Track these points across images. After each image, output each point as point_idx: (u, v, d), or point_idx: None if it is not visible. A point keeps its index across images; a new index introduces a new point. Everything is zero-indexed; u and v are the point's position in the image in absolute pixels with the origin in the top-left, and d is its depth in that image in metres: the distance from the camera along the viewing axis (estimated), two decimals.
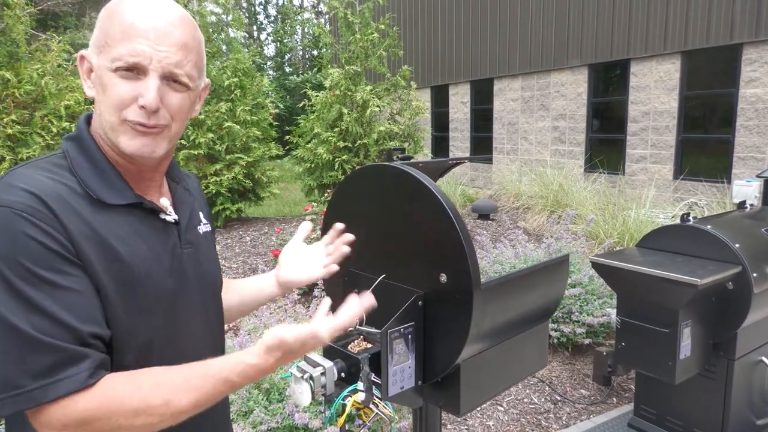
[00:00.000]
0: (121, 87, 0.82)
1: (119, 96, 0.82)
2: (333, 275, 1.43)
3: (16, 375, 0.71)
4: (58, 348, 0.73)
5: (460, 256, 1.09)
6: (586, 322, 3.61)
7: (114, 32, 0.82)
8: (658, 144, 8.41)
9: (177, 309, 0.91)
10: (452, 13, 12.47)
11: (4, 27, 5.58)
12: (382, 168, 1.25)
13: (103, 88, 0.84)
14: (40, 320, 0.72)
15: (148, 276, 0.86)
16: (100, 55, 0.84)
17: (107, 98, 0.83)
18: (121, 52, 0.81)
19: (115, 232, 0.83)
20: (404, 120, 8.53)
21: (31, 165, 0.83)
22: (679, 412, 2.64)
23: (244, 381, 0.79)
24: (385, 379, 1.15)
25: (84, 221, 0.79)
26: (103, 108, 0.84)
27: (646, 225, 5.88)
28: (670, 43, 8.01)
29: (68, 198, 0.79)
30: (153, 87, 0.83)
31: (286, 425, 2.32)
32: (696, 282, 2.10)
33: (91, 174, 0.84)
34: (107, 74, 0.83)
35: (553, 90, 10.19)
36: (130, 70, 0.82)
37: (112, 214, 0.84)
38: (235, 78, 7.67)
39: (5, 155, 5.36)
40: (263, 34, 28.86)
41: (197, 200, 1.06)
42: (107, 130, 0.85)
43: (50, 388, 0.72)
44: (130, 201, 0.87)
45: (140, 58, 0.81)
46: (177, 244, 0.93)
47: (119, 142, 0.85)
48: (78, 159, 0.85)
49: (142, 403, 0.75)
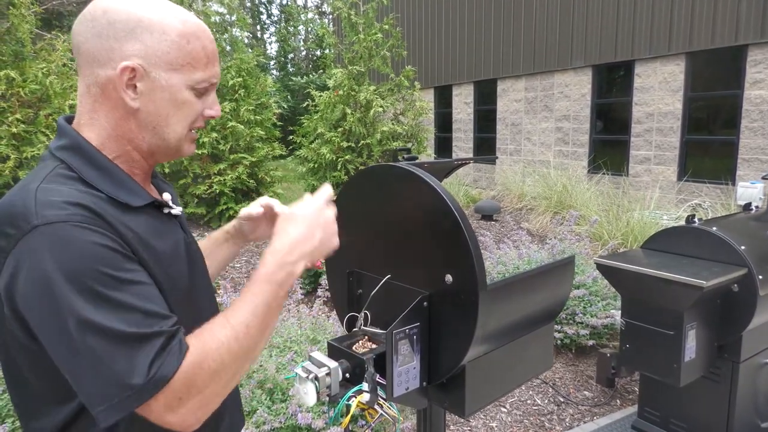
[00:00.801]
0: (198, 103, 0.92)
1: (197, 111, 0.93)
2: (337, 275, 1.43)
3: (130, 374, 0.72)
4: (157, 334, 0.76)
5: (465, 256, 1.09)
6: (589, 324, 3.60)
7: (198, 56, 0.90)
8: (662, 145, 8.39)
9: (192, 297, 0.96)
10: (456, 14, 12.46)
11: (9, 26, 5.59)
12: (388, 168, 1.25)
13: (175, 104, 0.90)
14: (134, 317, 0.75)
15: (177, 270, 0.91)
16: (173, 72, 0.87)
17: (182, 113, 0.91)
18: (209, 74, 0.92)
19: (150, 232, 0.87)
20: (408, 120, 8.52)
21: (48, 180, 0.81)
22: (684, 415, 2.62)
23: (279, 270, 0.87)
24: (390, 380, 1.14)
25: (126, 226, 0.82)
26: (172, 121, 0.91)
27: (649, 226, 5.86)
28: (675, 44, 7.99)
29: (105, 207, 0.82)
30: (216, 99, 0.96)
31: (290, 425, 2.32)
32: (701, 284, 2.09)
33: (103, 181, 0.85)
34: (184, 92, 0.90)
35: (557, 91, 10.17)
36: (209, 89, 0.93)
37: (139, 215, 0.88)
38: (239, 78, 7.68)
39: (10, 154, 5.37)
40: (266, 33, 28.92)
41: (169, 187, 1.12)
42: (171, 140, 0.92)
43: (161, 372, 0.74)
44: (148, 201, 0.91)
45: (218, 80, 0.95)
46: (184, 236, 0.99)
47: (183, 148, 0.95)
48: (84, 168, 0.85)
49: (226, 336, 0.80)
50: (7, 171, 5.31)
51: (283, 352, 2.69)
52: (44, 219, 0.74)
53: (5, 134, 5.34)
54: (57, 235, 0.74)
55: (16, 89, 5.41)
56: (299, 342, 2.79)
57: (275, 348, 2.73)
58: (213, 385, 0.79)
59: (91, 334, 0.72)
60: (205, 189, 7.29)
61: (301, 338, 2.83)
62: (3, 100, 5.43)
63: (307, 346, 2.75)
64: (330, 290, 1.54)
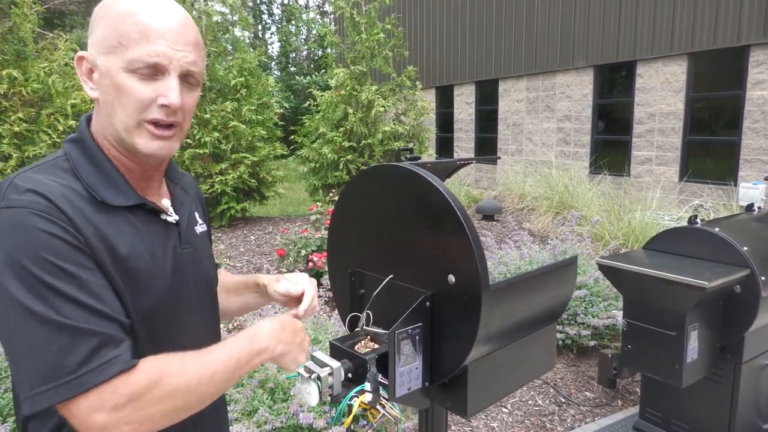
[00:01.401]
0: (140, 88, 0.83)
1: (139, 97, 0.83)
2: (340, 275, 1.43)
3: (63, 364, 0.72)
4: (98, 333, 0.75)
5: (468, 257, 1.09)
6: (591, 324, 3.60)
7: (129, 33, 0.81)
8: (663, 146, 8.38)
9: (177, 308, 0.93)
10: (458, 14, 12.46)
11: (11, 25, 5.60)
12: (391, 168, 1.25)
13: (116, 90, 0.83)
14: (75, 310, 0.74)
15: (149, 277, 0.87)
16: (110, 56, 0.83)
17: (123, 100, 0.83)
18: (141, 53, 0.81)
19: (118, 233, 0.84)
20: (409, 120, 8.52)
21: (35, 169, 0.84)
22: (685, 416, 2.62)
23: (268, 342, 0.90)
24: (393, 380, 1.14)
25: (90, 222, 0.81)
26: (117, 109, 0.84)
27: (651, 227, 5.86)
28: (677, 45, 7.98)
29: (74, 200, 0.81)
30: (175, 86, 0.85)
31: (291, 425, 2.32)
32: (704, 285, 2.08)
33: (94, 176, 0.85)
34: (121, 75, 0.82)
35: (559, 91, 10.17)
36: (150, 70, 0.83)
37: (115, 215, 0.85)
38: (241, 77, 7.69)
39: (12, 153, 5.38)
40: (268, 33, 28.94)
41: (193, 200, 1.08)
42: (120, 131, 0.85)
43: (98, 371, 0.73)
44: (134, 202, 0.88)
45: (161, 59, 0.83)
46: (177, 245, 0.94)
47: (135, 143, 0.86)
48: (81, 161, 0.86)
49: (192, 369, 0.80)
50: (9, 170, 5.32)
51: None
52: (7, 202, 0.76)
53: (7, 133, 5.36)
54: (13, 218, 0.75)
55: (18, 88, 5.42)
56: None
57: None
58: (160, 407, 0.77)
59: (25, 318, 0.72)
60: (207, 188, 7.30)
61: None
62: (5, 99, 5.44)
63: (308, 346, 2.75)
64: (332, 290, 1.54)
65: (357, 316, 1.35)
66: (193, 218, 1.03)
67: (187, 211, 1.01)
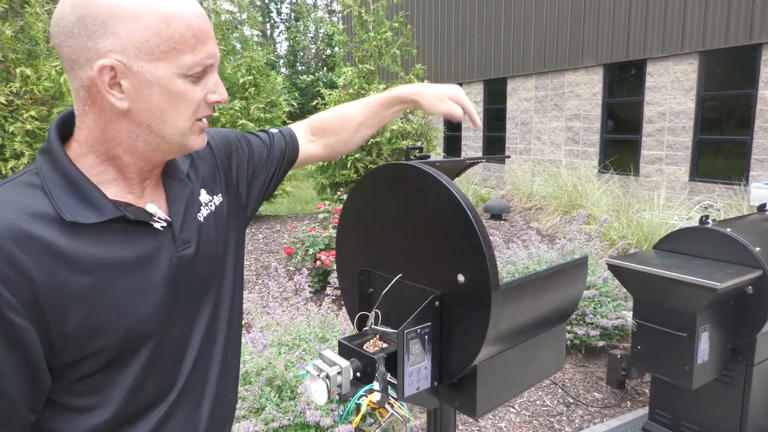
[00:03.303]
0: (196, 91, 0.81)
1: (196, 100, 0.82)
2: (348, 274, 1.43)
3: None
4: None
5: (478, 256, 1.08)
6: (599, 325, 3.58)
7: (183, 38, 0.77)
8: (673, 145, 8.31)
9: (176, 322, 0.88)
10: (466, 12, 12.42)
11: (23, 24, 5.65)
12: (401, 167, 1.25)
13: (170, 97, 0.79)
14: None
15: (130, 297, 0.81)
16: (157, 62, 0.76)
17: (179, 105, 0.80)
18: (200, 56, 0.80)
19: (88, 255, 0.76)
20: (417, 119, 8.51)
21: (3, 188, 0.77)
22: (695, 418, 2.60)
23: None
24: (401, 380, 1.14)
25: (51, 252, 0.73)
26: (170, 116, 0.80)
27: (660, 227, 5.81)
28: (688, 43, 7.90)
29: (32, 230, 0.72)
30: (220, 81, 0.85)
31: (298, 423, 2.33)
32: (715, 286, 2.06)
33: (64, 191, 0.77)
34: (177, 81, 0.79)
35: (568, 90, 10.11)
36: (204, 71, 0.82)
37: (90, 232, 0.77)
38: (250, 76, 7.71)
39: (24, 150, 5.43)
40: (276, 32, 28.99)
41: (197, 178, 0.98)
42: (175, 136, 0.82)
43: None
44: (110, 216, 0.79)
45: (214, 60, 0.82)
46: (173, 250, 0.86)
47: (189, 143, 0.85)
48: (50, 175, 0.78)
49: None
50: (21, 167, 5.37)
51: (291, 349, 2.69)
52: None
53: (19, 131, 5.41)
54: None
55: (30, 87, 5.47)
56: (308, 340, 2.80)
57: (284, 346, 2.74)
58: None
59: None
60: None
61: (310, 336, 2.84)
62: (17, 97, 5.49)
63: (315, 344, 2.75)
64: (340, 289, 1.54)
65: (365, 315, 1.34)
66: (193, 207, 0.94)
67: (183, 207, 0.91)
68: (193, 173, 0.98)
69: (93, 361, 0.79)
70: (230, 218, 1.03)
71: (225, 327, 1.00)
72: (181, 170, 0.96)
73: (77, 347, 0.77)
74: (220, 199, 1.00)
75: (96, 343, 0.78)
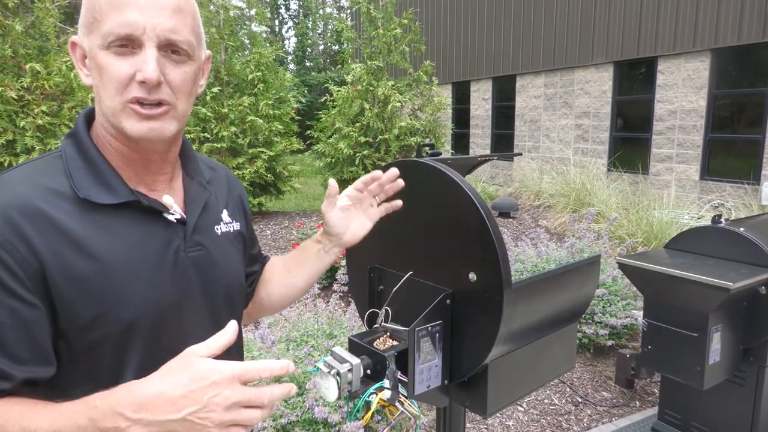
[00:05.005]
0: (117, 65, 0.75)
1: (117, 75, 0.75)
2: (358, 271, 1.42)
3: None
4: None
5: (490, 254, 1.07)
6: (609, 324, 3.55)
7: (100, 5, 0.75)
8: (684, 143, 8.23)
9: (181, 317, 0.85)
10: (475, 9, 12.36)
11: (34, 20, 5.68)
12: (413, 164, 1.24)
13: (99, 71, 0.76)
14: None
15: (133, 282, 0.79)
16: (90, 35, 0.77)
17: (104, 80, 0.76)
18: (111, 25, 0.74)
19: (97, 235, 0.76)
20: (426, 116, 8.49)
21: (25, 166, 0.79)
22: (706, 419, 2.58)
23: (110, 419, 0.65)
24: (412, 378, 1.13)
25: (59, 233, 0.74)
26: (102, 93, 0.77)
27: (670, 226, 5.77)
28: (700, 41, 7.82)
29: (45, 207, 0.74)
30: (151, 58, 0.75)
31: (306, 419, 2.33)
32: (728, 286, 2.04)
33: (84, 172, 0.79)
34: (100, 54, 0.75)
35: (577, 87, 10.04)
36: (125, 44, 0.75)
37: (102, 215, 0.78)
38: (259, 72, 7.71)
39: (35, 145, 5.47)
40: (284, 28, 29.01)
41: (222, 196, 0.99)
42: (109, 116, 0.78)
43: None
44: (123, 199, 0.79)
45: (132, 29, 0.74)
46: (181, 246, 0.85)
47: (123, 126, 0.78)
48: (73, 157, 0.80)
49: None
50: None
51: (300, 345, 2.70)
52: None
53: (30, 126, 5.44)
54: None
55: (41, 82, 5.50)
56: (316, 336, 2.80)
57: (292, 342, 2.74)
58: None
59: None
60: None
61: (318, 333, 2.84)
62: (28, 92, 5.52)
63: (323, 341, 2.75)
64: (350, 286, 1.53)
65: (375, 312, 1.34)
66: (211, 216, 0.93)
67: (200, 209, 0.90)
68: (220, 191, 0.99)
69: (95, 350, 0.78)
70: (242, 246, 1.04)
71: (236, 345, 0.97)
72: (203, 176, 0.95)
73: (80, 333, 0.76)
74: (235, 228, 1.00)
75: (98, 330, 0.77)
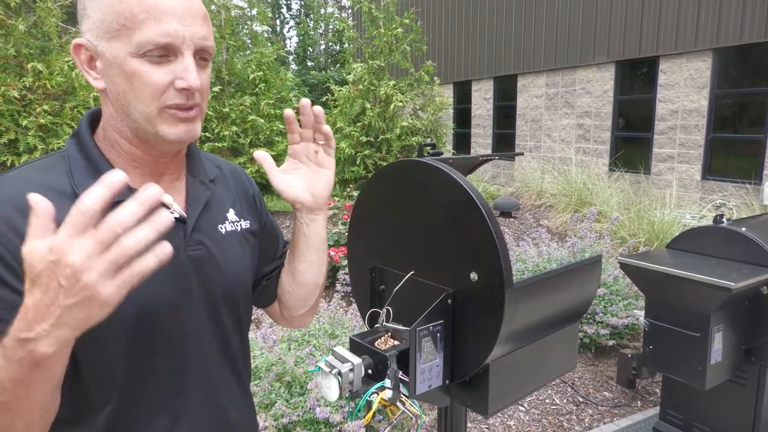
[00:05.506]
0: (154, 73, 0.76)
1: (154, 82, 0.76)
2: (359, 271, 1.42)
3: None
4: None
5: (492, 254, 1.07)
6: (610, 324, 3.55)
7: (133, 13, 0.74)
8: (686, 143, 8.22)
9: (180, 315, 0.85)
10: (476, 8, 12.35)
11: (36, 19, 5.69)
12: (414, 163, 1.24)
13: (127, 78, 0.77)
14: None
15: None
16: (114, 41, 0.76)
17: (137, 87, 0.77)
18: (150, 34, 0.74)
19: None
20: (427, 116, 8.49)
21: (27, 166, 0.80)
22: (707, 419, 2.57)
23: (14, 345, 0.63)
24: (413, 378, 1.13)
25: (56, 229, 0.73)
26: (132, 99, 0.78)
27: (671, 225, 5.76)
28: (702, 40, 7.80)
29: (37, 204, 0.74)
30: (192, 66, 0.78)
31: (308, 418, 2.33)
32: (730, 285, 2.04)
33: (84, 171, 0.80)
34: (132, 61, 0.76)
35: (579, 87, 10.03)
36: (163, 54, 0.76)
37: None
38: (260, 72, 7.72)
39: (37, 144, 5.48)
40: (286, 27, 29.02)
41: (228, 195, 0.98)
42: (140, 121, 0.79)
43: None
44: (121, 198, 0.79)
45: (172, 38, 0.75)
46: (181, 245, 0.85)
47: (160, 131, 0.79)
48: (75, 156, 0.81)
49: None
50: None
51: (301, 345, 2.70)
52: None
53: (32, 125, 5.45)
54: None
55: (43, 82, 5.51)
56: (317, 336, 2.80)
57: (294, 341, 2.75)
58: None
59: None
60: None
61: (320, 332, 2.84)
62: (30, 92, 5.53)
63: (325, 341, 2.76)
64: (351, 285, 1.53)
65: (377, 312, 1.34)
66: (214, 215, 0.93)
67: (201, 207, 0.90)
68: (225, 190, 0.98)
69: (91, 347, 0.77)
70: (254, 244, 1.03)
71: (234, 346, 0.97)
72: (206, 174, 0.95)
73: None
74: (248, 224, 1.00)
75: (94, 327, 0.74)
